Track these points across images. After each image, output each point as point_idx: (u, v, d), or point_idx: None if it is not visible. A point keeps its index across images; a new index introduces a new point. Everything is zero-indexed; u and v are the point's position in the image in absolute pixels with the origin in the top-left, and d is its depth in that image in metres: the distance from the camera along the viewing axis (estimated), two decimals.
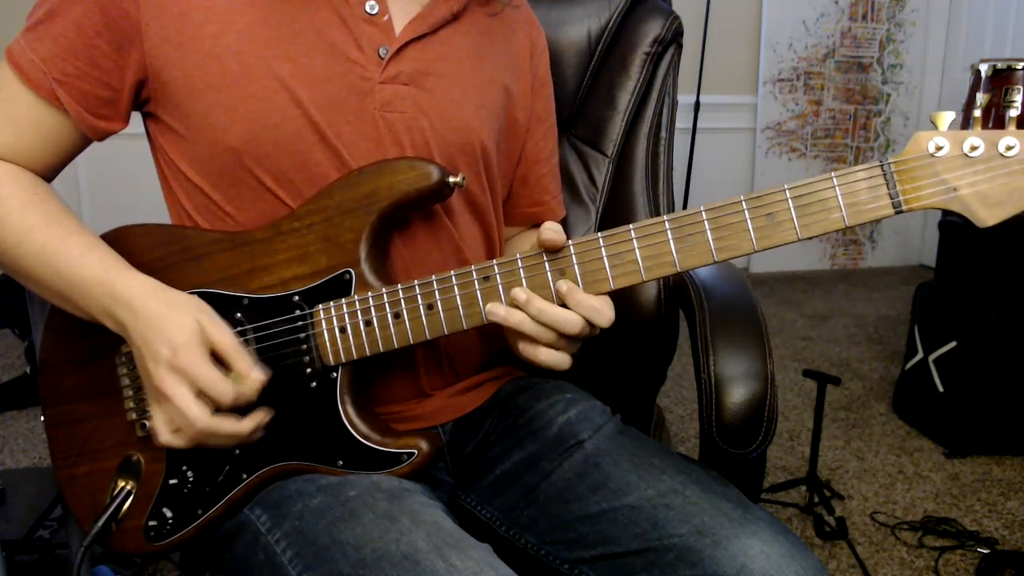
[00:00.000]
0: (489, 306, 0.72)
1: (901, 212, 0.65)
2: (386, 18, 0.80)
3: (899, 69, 3.80)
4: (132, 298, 0.72)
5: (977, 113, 0.64)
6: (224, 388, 0.71)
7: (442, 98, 0.82)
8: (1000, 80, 1.80)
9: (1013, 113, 0.64)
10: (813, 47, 3.69)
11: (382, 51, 0.79)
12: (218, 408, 0.72)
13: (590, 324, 0.71)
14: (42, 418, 0.84)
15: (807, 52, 3.69)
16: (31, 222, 0.75)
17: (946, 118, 0.64)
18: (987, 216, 0.63)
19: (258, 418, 0.74)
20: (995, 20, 3.44)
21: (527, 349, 0.73)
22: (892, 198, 0.65)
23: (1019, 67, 1.78)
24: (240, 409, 0.73)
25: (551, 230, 0.70)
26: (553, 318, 0.70)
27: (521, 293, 0.71)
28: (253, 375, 0.73)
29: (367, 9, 0.79)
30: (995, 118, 0.66)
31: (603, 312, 0.71)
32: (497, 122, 0.88)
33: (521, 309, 0.71)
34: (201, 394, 0.71)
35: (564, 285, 0.70)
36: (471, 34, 0.86)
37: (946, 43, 3.76)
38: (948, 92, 3.77)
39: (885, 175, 0.65)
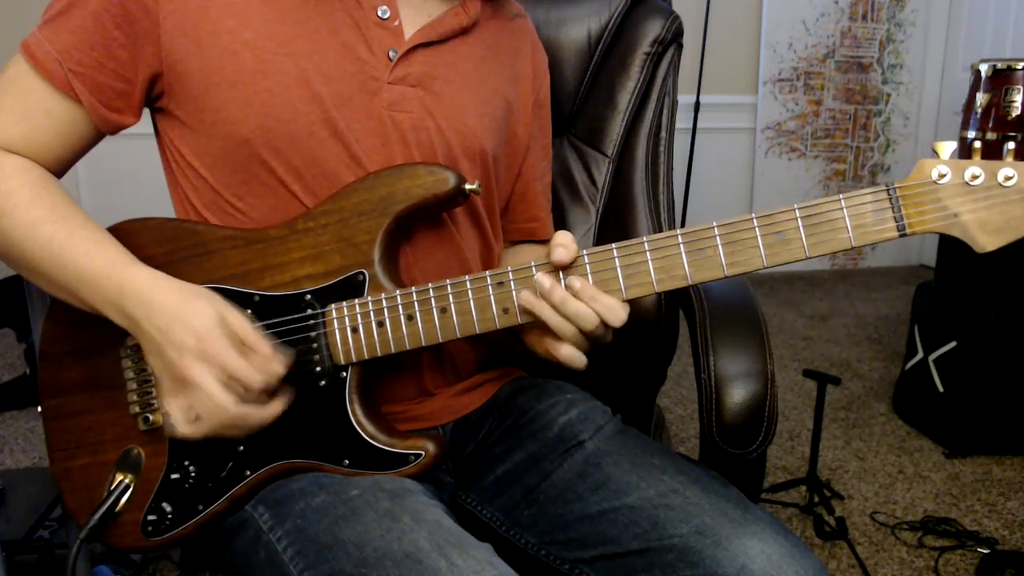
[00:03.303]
0: (523, 294, 0.73)
1: (905, 235, 0.68)
2: (397, 23, 0.82)
3: (899, 69, 3.80)
4: (141, 290, 0.72)
5: (975, 140, 0.67)
6: (253, 373, 0.71)
7: (448, 101, 0.83)
8: (1000, 80, 1.80)
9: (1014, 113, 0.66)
10: (813, 47, 3.69)
11: (391, 53, 0.81)
12: (245, 394, 0.72)
13: (604, 323, 0.73)
14: (39, 409, 0.84)
15: (807, 52, 3.70)
16: (38, 215, 0.75)
17: (947, 147, 0.67)
18: (986, 242, 0.67)
19: (283, 401, 0.75)
20: (995, 20, 3.44)
21: (550, 344, 0.75)
22: (897, 221, 0.68)
23: (1019, 67, 1.79)
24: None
25: (561, 246, 0.72)
26: (575, 311, 0.72)
27: (545, 279, 0.72)
28: (276, 361, 0.73)
29: (379, 14, 0.81)
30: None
31: (615, 311, 0.72)
32: (499, 131, 0.89)
33: (544, 298, 0.72)
34: (228, 382, 0.71)
35: (577, 282, 0.72)
36: (478, 47, 0.88)
37: (946, 43, 3.76)
38: (948, 92, 3.78)
39: (891, 199, 0.68)
